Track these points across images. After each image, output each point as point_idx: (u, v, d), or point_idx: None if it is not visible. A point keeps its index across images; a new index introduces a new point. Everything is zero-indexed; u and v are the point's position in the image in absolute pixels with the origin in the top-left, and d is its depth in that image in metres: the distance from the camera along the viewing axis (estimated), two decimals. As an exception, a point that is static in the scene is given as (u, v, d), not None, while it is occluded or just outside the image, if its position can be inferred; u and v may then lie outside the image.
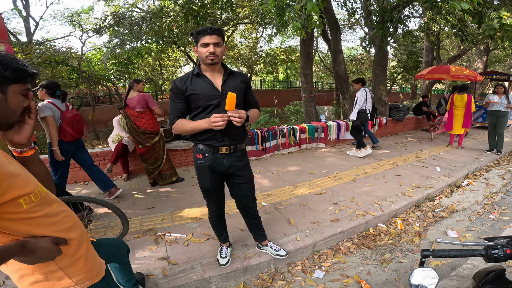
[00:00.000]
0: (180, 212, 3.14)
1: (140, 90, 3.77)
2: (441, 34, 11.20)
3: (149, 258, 2.29)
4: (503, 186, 4.02)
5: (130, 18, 7.74)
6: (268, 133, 5.31)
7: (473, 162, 4.96)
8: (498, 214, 3.15)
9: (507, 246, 0.97)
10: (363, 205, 3.19)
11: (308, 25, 3.92)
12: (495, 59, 16.10)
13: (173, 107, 1.80)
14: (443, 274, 2.18)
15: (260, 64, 14.49)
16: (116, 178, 4.41)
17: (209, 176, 1.87)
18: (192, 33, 1.71)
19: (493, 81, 11.64)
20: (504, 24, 4.10)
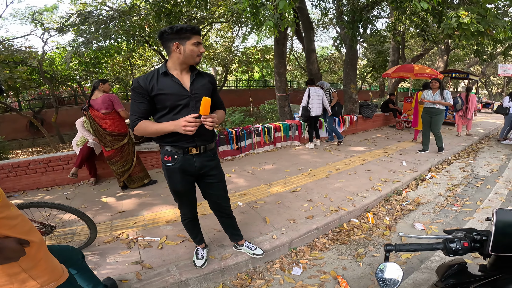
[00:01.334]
0: (153, 215, 3.04)
1: (105, 90, 3.59)
2: (406, 34, 11.82)
3: (122, 263, 2.21)
4: (464, 178, 4.32)
5: (97, 16, 7.39)
6: (243, 132, 5.30)
7: (435, 156, 5.28)
8: (460, 206, 3.36)
9: (464, 239, 0.98)
10: (336, 201, 3.27)
11: (281, 24, 3.95)
12: (455, 58, 17.25)
13: (135, 107, 1.68)
14: (414, 267, 2.28)
15: (236, 64, 14.43)
16: (83, 182, 4.18)
17: (180, 178, 1.81)
18: (181, 29, 1.59)
19: (453, 79, 12.52)
20: (461, 23, 4.20)
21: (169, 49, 1.65)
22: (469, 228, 1.06)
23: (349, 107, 8.18)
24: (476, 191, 3.81)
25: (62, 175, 4.09)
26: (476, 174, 4.51)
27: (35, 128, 10.70)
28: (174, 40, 1.60)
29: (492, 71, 21.51)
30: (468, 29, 4.19)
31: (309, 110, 5.58)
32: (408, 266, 2.30)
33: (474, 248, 0.98)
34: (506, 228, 0.88)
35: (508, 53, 7.11)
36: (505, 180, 4.19)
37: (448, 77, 11.20)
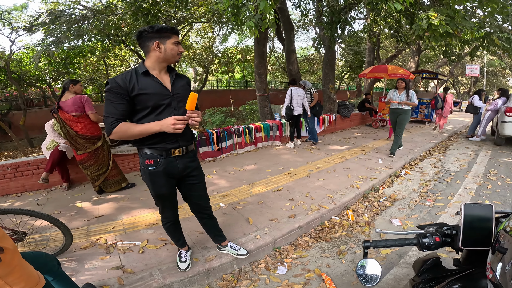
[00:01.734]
0: (133, 219, 2.95)
1: (76, 91, 3.43)
2: (381, 35, 12.25)
3: (101, 269, 2.14)
4: (435, 174, 4.55)
5: (69, 16, 7.07)
6: (223, 133, 5.27)
7: (408, 153, 5.52)
8: (433, 201, 3.53)
9: (436, 234, 1.00)
10: (317, 199, 3.33)
11: (262, 25, 3.97)
12: (425, 59, 18.09)
13: (113, 109, 1.58)
14: (393, 262, 2.36)
15: (216, 64, 14.30)
16: (55, 187, 3.99)
17: (164, 182, 1.78)
18: (162, 28, 1.60)
19: (423, 79, 13.13)
20: (431, 24, 4.35)
21: (148, 48, 1.62)
22: (441, 223, 1.08)
23: (327, 106, 8.36)
24: (447, 186, 4.02)
25: (32, 181, 3.88)
26: (446, 170, 4.76)
27: (2, 131, 10.04)
28: (154, 39, 1.60)
29: (460, 71, 22.73)
30: (438, 30, 4.37)
31: (293, 110, 5.65)
32: (388, 261, 2.38)
33: (445, 242, 1.00)
34: (474, 222, 0.90)
35: (474, 54, 7.52)
36: (473, 175, 4.46)
37: (419, 77, 11.76)
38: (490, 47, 6.48)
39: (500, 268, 0.72)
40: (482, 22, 5.93)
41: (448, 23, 4.41)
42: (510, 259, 0.70)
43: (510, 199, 3.53)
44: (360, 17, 13.10)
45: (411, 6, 5.47)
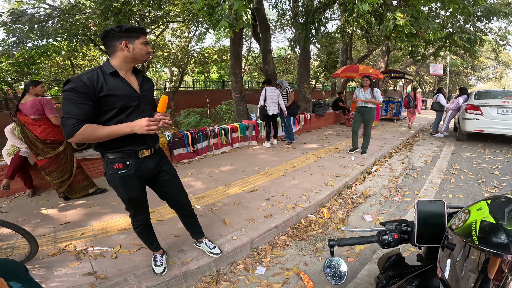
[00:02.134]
0: (103, 224, 2.85)
1: (38, 93, 3.24)
2: (353, 35, 12.66)
3: (72, 275, 2.06)
4: (403, 170, 4.79)
5: (32, 15, 6.67)
6: (198, 134, 5.20)
7: (379, 150, 5.77)
8: (401, 196, 3.70)
9: (394, 231, 1.01)
10: (293, 198, 3.38)
11: (236, 25, 3.96)
12: (394, 59, 18.95)
13: (76, 109, 1.46)
14: (367, 258, 2.44)
15: (192, 64, 14.07)
16: (18, 194, 3.74)
17: (137, 185, 1.76)
18: (131, 28, 1.58)
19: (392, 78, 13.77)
20: (397, 25, 4.52)
21: (115, 48, 1.58)
22: (401, 220, 1.07)
23: (303, 106, 8.52)
24: (413, 182, 4.25)
25: (-8, 188, 3.61)
26: (413, 165, 5.03)
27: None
28: (122, 38, 1.56)
29: (425, 71, 24.05)
30: (403, 31, 4.58)
31: (266, 109, 5.71)
32: (362, 257, 2.46)
33: (403, 239, 1.00)
34: (427, 219, 0.90)
35: (438, 54, 7.99)
36: (437, 170, 4.74)
37: (388, 77, 12.31)
38: (452, 47, 6.93)
39: (449, 264, 0.73)
40: (445, 22, 6.32)
41: (413, 24, 4.63)
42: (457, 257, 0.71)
43: (472, 193, 3.77)
44: (334, 18, 13.47)
45: (380, 7, 5.70)
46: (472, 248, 0.66)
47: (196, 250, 2.35)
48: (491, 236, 0.64)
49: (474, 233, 0.67)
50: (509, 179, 4.23)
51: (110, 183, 1.76)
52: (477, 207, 0.76)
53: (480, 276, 0.62)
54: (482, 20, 7.86)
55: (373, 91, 5.00)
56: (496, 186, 3.94)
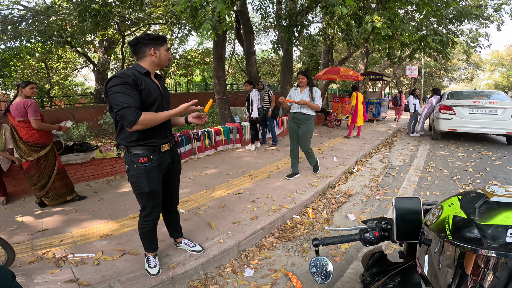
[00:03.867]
0: (83, 231, 2.76)
1: (27, 95, 3.14)
2: (335, 38, 12.93)
3: (53, 283, 2.00)
4: (383, 169, 4.94)
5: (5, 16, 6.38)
6: (181, 138, 5.13)
7: (360, 150, 5.93)
8: (382, 195, 3.82)
9: (375, 229, 1.02)
10: (278, 199, 3.41)
11: (219, 27, 3.95)
12: (372, 61, 19.55)
13: (131, 99, 1.63)
14: (353, 256, 2.49)
15: (174, 67, 13.85)
16: (-11, 203, 3.56)
17: (158, 177, 1.90)
18: (157, 37, 1.81)
19: (370, 80, 14.20)
20: (375, 27, 4.64)
21: (145, 53, 1.80)
22: (381, 218, 1.09)
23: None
24: (393, 180, 4.40)
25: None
26: (392, 164, 5.21)
27: None
28: (150, 45, 1.79)
29: (402, 73, 24.96)
30: (380, 33, 4.73)
31: (250, 113, 5.72)
32: (348, 256, 2.51)
33: (384, 237, 1.02)
34: (405, 216, 0.92)
35: (413, 56, 8.31)
36: (415, 168, 4.93)
37: (368, 78, 12.70)
38: (426, 49, 7.24)
39: (427, 260, 0.75)
40: (419, 25, 6.59)
41: (389, 26, 4.79)
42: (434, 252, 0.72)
43: (448, 189, 3.94)
44: (317, 21, 13.72)
45: (359, 10, 5.86)
46: (447, 243, 0.67)
47: (182, 254, 2.32)
48: (464, 231, 0.64)
49: (448, 229, 0.68)
50: (482, 175, 4.46)
51: (131, 178, 1.87)
52: (449, 202, 0.77)
53: (458, 271, 0.63)
54: (454, 23, 8.25)
55: (312, 91, 3.85)
56: (470, 183, 4.15)
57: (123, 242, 2.52)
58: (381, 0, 5.80)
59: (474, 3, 9.88)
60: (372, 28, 4.71)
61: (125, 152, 1.87)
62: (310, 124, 3.92)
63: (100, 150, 4.37)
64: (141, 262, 2.21)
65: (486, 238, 0.60)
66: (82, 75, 18.14)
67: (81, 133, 8.92)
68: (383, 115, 11.64)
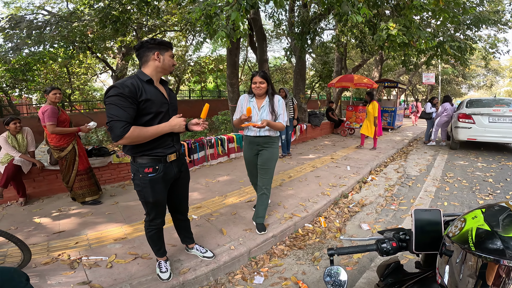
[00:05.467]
0: (98, 233, 2.82)
1: (51, 100, 3.31)
2: (348, 45, 12.87)
3: (66, 284, 2.04)
4: (398, 178, 4.82)
5: (31, 21, 6.70)
6: (195, 145, 5.20)
7: (374, 159, 5.81)
8: (397, 205, 3.72)
9: (392, 239, 1.03)
10: (289, 208, 3.38)
11: (234, 35, 4.01)
12: (387, 68, 19.28)
13: (123, 113, 1.58)
14: (365, 266, 2.44)
15: (188, 73, 14.13)
16: (10, 203, 3.71)
17: (163, 187, 1.87)
18: (162, 42, 1.76)
19: (385, 88, 14.01)
20: (390, 34, 4.59)
21: (148, 58, 1.74)
22: (398, 228, 1.10)
23: (298, 116, 8.58)
24: (409, 190, 4.28)
25: (-16, 197, 3.57)
26: (408, 174, 5.08)
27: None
28: (154, 49, 1.73)
29: (417, 80, 24.47)
30: (395, 41, 4.68)
31: None
32: (360, 265, 2.46)
33: (402, 247, 1.03)
34: (424, 227, 0.94)
35: (430, 63, 8.14)
36: (432, 178, 4.79)
37: (382, 86, 12.52)
38: (443, 56, 7.08)
39: (448, 270, 0.76)
40: (436, 31, 6.46)
41: (405, 34, 4.73)
42: (455, 263, 0.74)
43: (467, 200, 3.81)
44: (329, 28, 13.71)
45: (374, 17, 5.81)
46: (469, 254, 0.68)
47: (193, 260, 2.33)
48: (487, 243, 0.66)
49: (471, 240, 0.70)
50: (503, 186, 4.29)
51: (136, 187, 1.86)
52: (472, 215, 0.79)
53: (479, 282, 0.65)
54: (472, 28, 8.05)
55: (274, 104, 2.68)
56: (490, 194, 3.99)
57: (136, 246, 2.56)
58: (395, 7, 5.75)
59: (492, 9, 9.63)
60: (387, 35, 4.67)
61: (131, 161, 1.84)
62: (274, 149, 2.76)
63: (117, 155, 4.49)
64: (152, 267, 2.23)
65: (509, 249, 0.62)
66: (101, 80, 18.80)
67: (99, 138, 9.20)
68: (398, 123, 11.40)
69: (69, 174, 3.53)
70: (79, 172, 3.56)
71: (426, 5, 4.78)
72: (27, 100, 15.34)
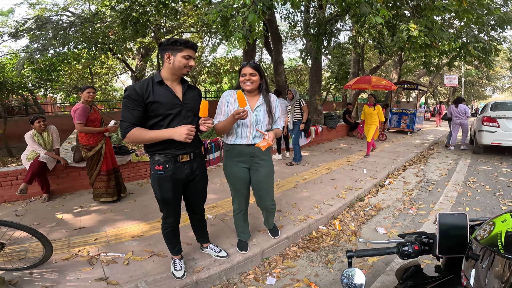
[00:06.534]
0: (117, 230, 2.90)
1: (84, 99, 3.43)
2: (365, 46, 12.62)
3: (84, 280, 2.10)
4: (418, 183, 4.68)
5: (56, 22, 6.99)
6: (211, 145, 5.26)
7: (392, 163, 5.67)
8: (416, 209, 3.62)
9: (414, 243, 1.04)
10: (304, 209, 3.36)
11: (250, 36, 4.03)
12: (406, 69, 18.74)
13: (129, 114, 1.69)
14: (380, 270, 2.40)
15: (204, 74, 14.33)
16: (34, 198, 3.87)
17: (171, 186, 1.86)
18: (175, 41, 1.71)
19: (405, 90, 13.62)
20: (411, 36, 4.49)
21: (163, 59, 1.75)
22: (420, 232, 1.11)
23: (314, 118, 8.50)
24: (428, 195, 4.15)
25: (10, 191, 3.77)
26: (428, 178, 4.92)
27: (-20, 140, 9.65)
28: (168, 50, 1.72)
29: (439, 82, 23.66)
30: (417, 42, 4.54)
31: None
32: (375, 269, 2.41)
33: (424, 251, 1.04)
34: (448, 231, 0.94)
35: (452, 64, 7.86)
36: (454, 183, 4.62)
37: (401, 88, 12.18)
38: (467, 57, 6.82)
39: (474, 274, 0.76)
40: (459, 32, 6.24)
41: (427, 35, 4.59)
42: (482, 266, 0.73)
43: (490, 206, 3.66)
44: (346, 29, 13.54)
45: (393, 18, 5.68)
46: (498, 257, 0.69)
47: (207, 259, 2.36)
48: None
49: (500, 243, 0.71)
50: (529, 194, 4.07)
51: (151, 183, 1.92)
52: (501, 219, 0.80)
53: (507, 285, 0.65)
54: (496, 29, 7.73)
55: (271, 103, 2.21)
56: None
57: (152, 244, 2.61)
58: (416, 8, 5.60)
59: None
60: (408, 37, 4.54)
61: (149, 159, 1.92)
62: (271, 161, 2.33)
63: (136, 153, 4.61)
64: (167, 264, 2.27)
65: None
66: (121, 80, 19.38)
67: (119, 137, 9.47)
68: (418, 126, 11.04)
69: (92, 173, 3.64)
70: (101, 172, 3.66)
71: (448, 6, 4.62)
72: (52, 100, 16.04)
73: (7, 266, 2.16)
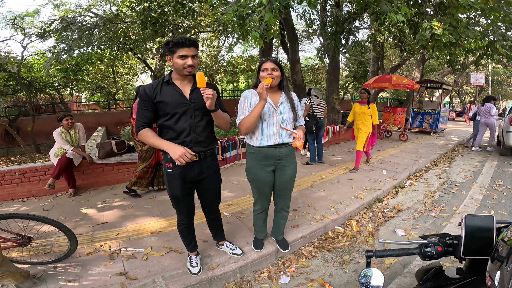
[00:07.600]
0: (137, 226, 2.99)
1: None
2: (385, 44, 12.28)
3: (105, 274, 2.17)
4: (440, 185, 4.51)
5: (81, 23, 7.29)
6: (228, 143, 5.31)
7: (413, 164, 5.49)
8: (438, 212, 3.50)
9: (438, 244, 1.04)
10: (320, 209, 3.32)
11: (267, 35, 4.03)
12: (430, 68, 18.05)
13: (141, 114, 1.79)
14: (397, 272, 2.34)
15: (221, 73, 14.48)
16: (61, 193, 4.06)
17: (179, 184, 1.88)
18: (167, 43, 1.71)
19: (428, 89, 13.14)
20: (434, 34, 4.34)
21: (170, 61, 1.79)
22: (443, 233, 1.10)
23: (332, 117, 8.37)
24: (452, 197, 3.99)
25: (38, 186, 3.96)
26: (452, 180, 4.72)
27: (10, 137, 10.23)
28: (168, 53, 1.75)
29: (465, 81, 22.62)
30: (441, 40, 4.37)
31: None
32: (392, 271, 2.36)
33: (447, 252, 1.04)
34: (474, 232, 0.94)
35: (479, 63, 7.51)
36: (479, 186, 4.41)
37: (424, 87, 11.75)
38: (494, 56, 6.48)
39: (499, 276, 0.74)
40: (485, 30, 5.95)
41: (451, 33, 4.42)
42: (507, 268, 0.72)
43: (516, 210, 3.48)
44: (364, 27, 13.23)
45: (415, 16, 5.49)
46: None
47: (223, 256, 2.39)
48: None
49: None
50: None
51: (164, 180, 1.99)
52: None
53: None
54: (524, 27, 7.29)
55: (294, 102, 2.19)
56: (546, 206, 3.59)
57: (170, 240, 2.67)
58: (439, 6, 5.38)
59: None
60: (432, 35, 4.38)
61: None
62: (296, 162, 2.29)
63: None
64: (184, 260, 2.32)
65: None
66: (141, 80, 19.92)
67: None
68: (442, 126, 10.61)
69: (142, 165, 3.80)
70: (150, 164, 3.81)
71: (474, 3, 4.42)
72: (77, 98, 16.75)
73: (33, 260, 2.23)
